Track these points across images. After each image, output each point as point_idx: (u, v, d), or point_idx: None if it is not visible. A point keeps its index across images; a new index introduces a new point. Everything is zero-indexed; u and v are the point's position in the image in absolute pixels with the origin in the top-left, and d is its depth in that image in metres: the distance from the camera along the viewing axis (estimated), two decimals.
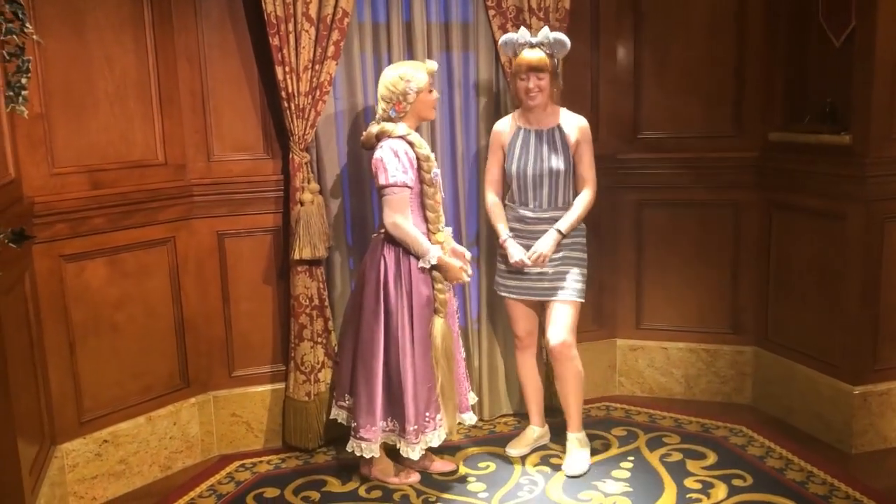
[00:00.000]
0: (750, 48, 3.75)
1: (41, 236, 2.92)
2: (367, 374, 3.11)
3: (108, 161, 3.15)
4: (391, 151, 3.02)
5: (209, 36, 3.35)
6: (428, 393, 3.11)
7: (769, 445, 3.52)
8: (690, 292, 4.00)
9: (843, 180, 3.36)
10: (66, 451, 3.11)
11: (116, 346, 3.24)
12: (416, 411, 3.09)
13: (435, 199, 3.11)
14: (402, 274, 3.07)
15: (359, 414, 3.14)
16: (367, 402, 3.11)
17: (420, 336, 3.08)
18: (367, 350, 3.11)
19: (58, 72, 2.98)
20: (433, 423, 3.13)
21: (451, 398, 3.16)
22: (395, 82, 3.05)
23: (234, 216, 3.48)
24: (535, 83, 3.15)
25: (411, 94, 3.05)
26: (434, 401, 3.13)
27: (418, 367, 3.08)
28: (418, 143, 3.07)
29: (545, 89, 3.17)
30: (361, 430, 3.12)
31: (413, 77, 3.05)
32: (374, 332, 3.09)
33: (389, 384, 3.10)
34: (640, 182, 3.27)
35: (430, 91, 3.13)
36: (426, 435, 3.12)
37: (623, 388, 4.15)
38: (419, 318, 3.08)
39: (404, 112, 3.08)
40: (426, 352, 3.09)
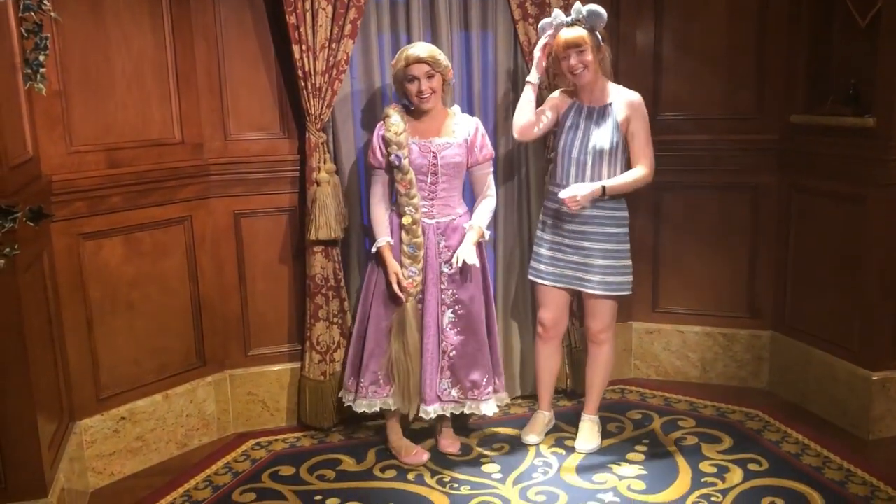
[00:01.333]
0: (772, 29, 3.69)
1: (59, 214, 2.93)
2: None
3: (126, 140, 3.15)
4: (374, 133, 3.19)
5: (226, 15, 3.34)
6: (368, 363, 3.24)
7: (785, 430, 3.50)
8: (708, 276, 3.97)
9: (866, 163, 3.32)
10: (85, 427, 3.14)
11: (133, 325, 3.26)
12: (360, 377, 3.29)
13: (402, 183, 3.13)
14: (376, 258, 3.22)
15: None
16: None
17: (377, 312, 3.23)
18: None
19: (75, 50, 2.97)
20: (364, 391, 3.26)
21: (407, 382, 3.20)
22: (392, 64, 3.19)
23: (250, 196, 3.48)
24: (576, 60, 3.09)
25: (394, 77, 3.17)
26: (371, 371, 3.24)
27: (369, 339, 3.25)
28: (388, 125, 3.13)
29: (589, 65, 3.08)
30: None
31: (395, 60, 3.14)
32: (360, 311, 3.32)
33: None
34: (659, 164, 3.23)
35: (411, 81, 3.07)
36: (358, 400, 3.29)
37: (639, 371, 4.14)
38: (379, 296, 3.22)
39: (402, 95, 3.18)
40: (378, 328, 3.23)
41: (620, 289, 3.22)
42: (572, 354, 3.79)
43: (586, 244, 3.19)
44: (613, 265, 3.19)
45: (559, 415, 3.63)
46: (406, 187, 3.12)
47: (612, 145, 3.13)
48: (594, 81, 3.15)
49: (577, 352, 3.75)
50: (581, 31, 3.07)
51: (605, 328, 3.29)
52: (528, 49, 3.50)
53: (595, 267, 3.20)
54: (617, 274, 3.20)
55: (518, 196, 3.70)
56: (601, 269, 3.19)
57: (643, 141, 3.16)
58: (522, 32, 3.50)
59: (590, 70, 3.10)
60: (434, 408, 3.24)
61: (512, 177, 3.68)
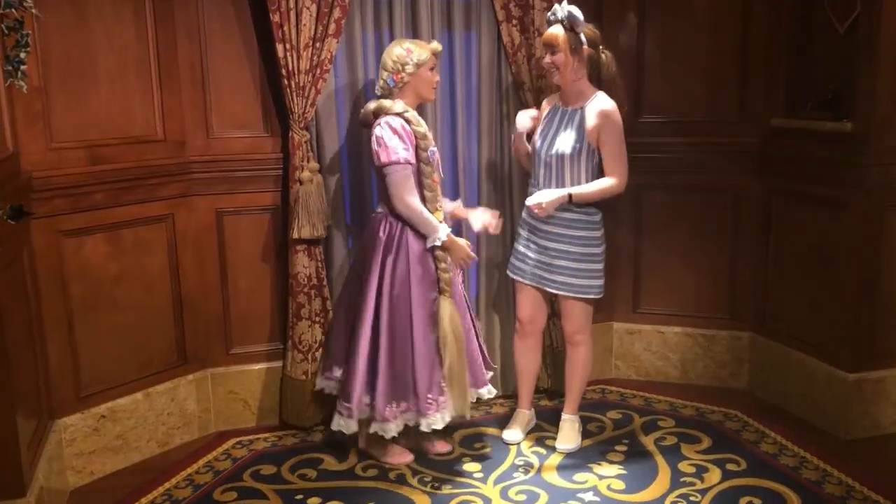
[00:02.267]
0: (754, 34, 3.72)
1: (39, 211, 2.91)
2: (351, 351, 3.13)
3: (108, 136, 3.13)
4: (389, 128, 3.01)
5: (209, 11, 3.32)
6: (430, 374, 3.10)
7: (763, 430, 3.54)
8: (689, 277, 4.00)
9: (845, 168, 3.36)
10: (65, 425, 3.12)
11: (115, 322, 3.24)
12: (418, 394, 3.09)
13: (432, 178, 3.11)
14: (400, 256, 3.07)
15: (341, 389, 3.19)
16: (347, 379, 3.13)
17: (422, 316, 3.08)
18: (353, 326, 3.14)
19: (57, 46, 2.95)
20: (435, 405, 3.12)
21: (461, 380, 3.13)
22: (399, 53, 3.06)
23: (232, 194, 3.47)
24: (549, 59, 3.11)
25: (410, 66, 3.05)
26: (437, 382, 3.12)
27: (419, 348, 3.08)
28: (415, 120, 3.06)
29: (560, 65, 3.07)
30: (338, 404, 3.17)
31: (415, 50, 3.06)
32: (362, 309, 3.10)
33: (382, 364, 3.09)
34: (641, 166, 3.26)
35: (432, 69, 3.11)
36: (428, 417, 3.11)
37: (619, 371, 4.17)
38: (419, 299, 3.08)
39: (402, 83, 3.07)
40: (428, 333, 3.09)
41: (584, 291, 3.22)
42: (554, 354, 3.81)
43: (551, 244, 3.21)
44: (578, 268, 3.20)
45: (540, 414, 3.65)
46: (435, 183, 3.11)
47: (573, 150, 3.12)
48: (570, 83, 3.14)
49: (558, 352, 3.77)
50: (557, 30, 3.07)
51: (579, 329, 3.31)
52: (511, 50, 3.52)
53: (558, 268, 3.22)
54: (582, 277, 3.21)
55: (500, 195, 3.71)
56: (564, 270, 3.21)
57: (614, 152, 3.13)
58: (506, 34, 3.51)
59: (561, 72, 3.10)
60: (489, 388, 3.31)
61: (496, 175, 3.70)
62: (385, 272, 3.07)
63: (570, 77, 3.12)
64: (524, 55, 3.53)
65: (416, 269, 3.07)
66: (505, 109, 3.64)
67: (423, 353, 3.08)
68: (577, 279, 3.21)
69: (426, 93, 3.14)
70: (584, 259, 3.20)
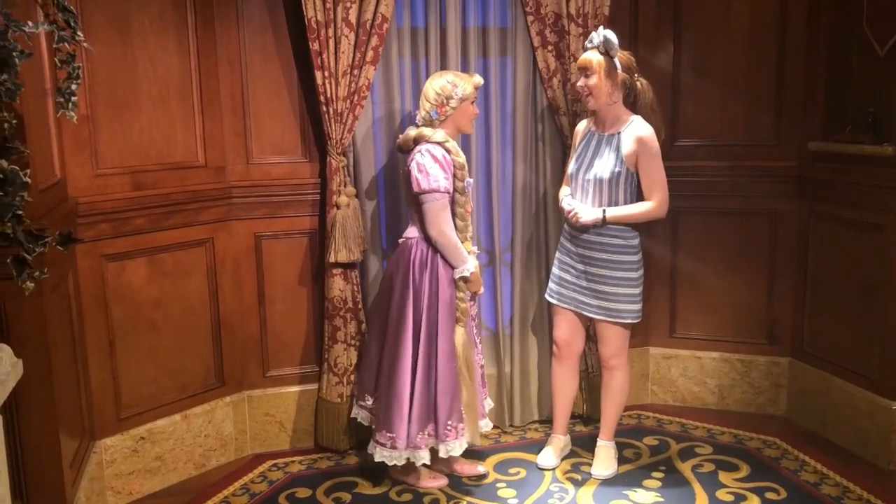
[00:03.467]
0: (790, 56, 3.71)
1: (84, 236, 2.97)
2: (392, 380, 3.13)
3: (151, 162, 3.21)
4: (431, 156, 3.04)
5: (250, 40, 3.39)
6: (451, 401, 3.12)
7: (803, 459, 3.48)
8: (725, 301, 3.96)
9: (885, 192, 3.31)
10: (105, 446, 3.17)
11: (154, 345, 3.30)
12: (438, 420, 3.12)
13: (465, 207, 3.14)
14: (429, 282, 3.10)
15: (382, 419, 3.17)
16: (394, 409, 3.12)
17: (445, 344, 3.10)
18: (394, 357, 3.13)
19: (103, 75, 3.04)
20: (455, 432, 3.14)
21: (474, 406, 3.18)
22: (443, 85, 3.08)
23: (271, 218, 3.52)
24: (582, 83, 3.14)
25: (455, 100, 3.08)
26: (457, 409, 3.14)
27: (442, 376, 3.10)
28: (455, 150, 3.09)
29: (594, 90, 3.10)
30: (378, 434, 3.16)
31: (460, 84, 3.09)
32: (401, 338, 3.11)
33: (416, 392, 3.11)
34: (677, 189, 3.25)
35: (473, 103, 3.15)
36: (448, 444, 3.13)
37: (655, 396, 4.13)
38: (444, 327, 3.10)
39: (445, 115, 3.10)
40: (450, 359, 3.11)
41: (622, 316, 3.21)
42: (589, 379, 3.79)
43: (590, 269, 3.21)
44: (617, 292, 3.19)
45: (575, 440, 3.63)
46: (468, 213, 3.16)
47: (612, 175, 3.13)
48: (605, 108, 3.16)
49: (594, 376, 3.75)
50: (591, 54, 3.10)
51: (615, 354, 3.29)
52: (546, 76, 3.54)
53: (595, 292, 3.21)
54: (621, 301, 3.19)
55: (536, 219, 3.72)
56: (602, 294, 3.20)
57: (653, 177, 3.14)
58: (542, 59, 3.53)
59: (595, 96, 3.12)
60: (486, 421, 3.36)
61: (530, 200, 3.71)
62: (420, 300, 3.10)
63: (605, 101, 3.13)
64: (560, 80, 3.55)
65: (444, 297, 3.10)
66: (540, 133, 3.66)
67: (445, 380, 3.11)
68: (614, 303, 3.20)
69: (466, 126, 3.18)
70: (621, 283, 3.19)
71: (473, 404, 3.18)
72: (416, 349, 3.11)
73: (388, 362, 3.16)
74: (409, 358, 3.11)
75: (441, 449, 3.14)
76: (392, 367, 3.14)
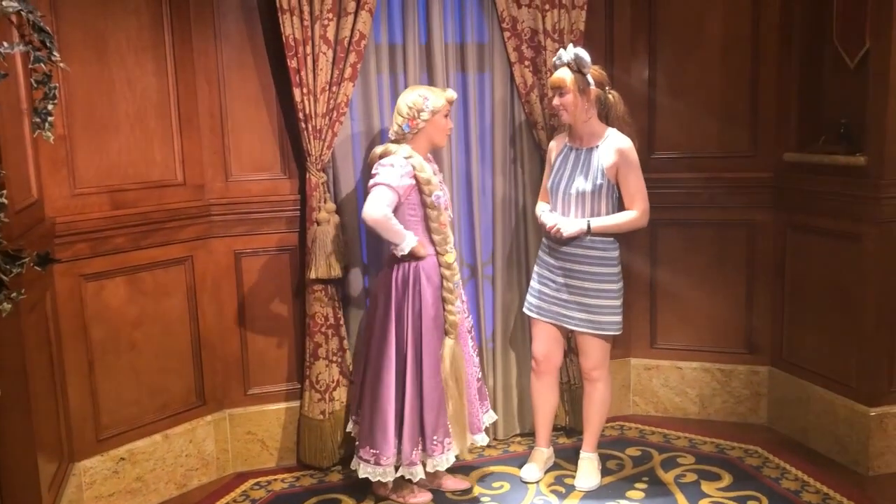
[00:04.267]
0: (764, 69, 3.76)
1: (62, 256, 2.95)
2: (375, 397, 3.13)
3: (129, 181, 3.19)
4: (389, 164, 3.05)
5: (228, 58, 3.40)
6: (437, 416, 3.12)
7: (784, 467, 3.51)
8: (705, 312, 4.00)
9: (859, 201, 3.37)
10: (84, 468, 3.14)
11: (134, 365, 3.27)
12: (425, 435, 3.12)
13: (439, 220, 3.13)
14: (412, 299, 3.10)
15: (365, 435, 3.17)
16: (377, 426, 3.12)
17: (431, 358, 3.11)
18: (376, 372, 3.14)
19: (80, 94, 3.03)
20: (441, 447, 3.14)
21: (461, 421, 3.17)
22: (415, 99, 3.10)
23: (251, 235, 3.52)
24: (557, 101, 3.17)
25: (426, 112, 3.09)
26: (443, 424, 3.14)
27: (428, 392, 3.10)
28: (419, 166, 3.09)
29: (568, 106, 3.14)
30: (362, 451, 3.16)
31: (431, 97, 3.11)
32: (384, 354, 3.12)
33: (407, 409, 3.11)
34: (655, 202, 3.28)
35: (446, 116, 3.16)
36: (434, 458, 3.13)
37: (637, 407, 4.14)
38: (428, 340, 3.10)
39: (417, 129, 3.11)
40: (436, 374, 3.11)
41: (603, 328, 3.23)
42: (571, 391, 3.80)
43: (571, 281, 3.23)
44: (597, 304, 3.21)
45: (558, 452, 3.63)
46: (444, 226, 3.15)
47: (594, 188, 3.16)
48: (581, 123, 3.19)
49: (575, 388, 3.76)
50: (564, 73, 3.14)
51: (596, 366, 3.31)
52: (523, 91, 3.57)
53: (577, 304, 3.23)
54: (601, 313, 3.22)
55: (516, 232, 3.74)
56: (583, 306, 3.22)
57: (634, 187, 3.18)
58: (519, 75, 3.56)
59: (569, 112, 3.15)
60: (482, 436, 3.33)
61: (510, 214, 3.73)
62: (404, 317, 3.10)
63: (581, 117, 3.17)
64: (537, 95, 3.58)
65: (429, 312, 3.11)
66: (519, 147, 3.68)
67: (431, 396, 3.11)
68: (594, 315, 3.22)
69: (439, 139, 3.19)
70: (600, 295, 3.21)
71: (460, 417, 3.17)
72: (401, 366, 3.11)
73: (370, 380, 3.17)
74: (392, 375, 3.11)
75: (428, 463, 3.14)
76: (375, 385, 3.14)
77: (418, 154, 3.12)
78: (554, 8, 3.51)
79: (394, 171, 3.03)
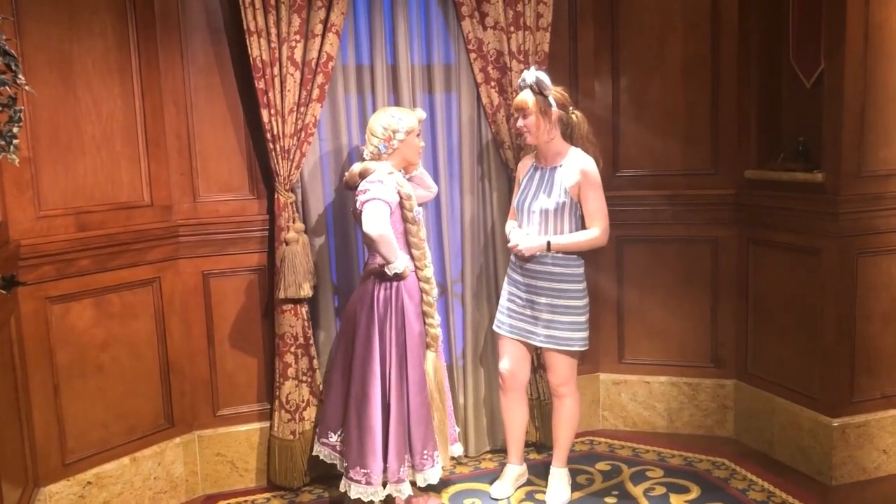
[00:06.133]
0: (724, 88, 3.85)
1: (27, 278, 2.93)
2: (362, 416, 3.13)
3: (95, 203, 3.18)
4: (378, 181, 3.07)
5: (195, 80, 3.41)
6: (425, 431, 3.14)
7: (751, 478, 3.56)
8: (671, 327, 4.05)
9: (817, 217, 3.45)
10: (50, 493, 3.09)
11: (101, 387, 3.24)
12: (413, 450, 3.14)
13: (419, 236, 3.18)
14: (395, 316, 3.12)
15: (355, 456, 3.15)
16: (367, 445, 3.12)
17: (415, 373, 3.13)
18: (362, 390, 3.14)
19: (46, 116, 3.02)
20: (431, 460, 3.16)
21: (444, 432, 3.22)
22: (389, 120, 3.15)
23: (219, 256, 3.51)
24: (521, 122, 3.23)
25: (401, 133, 3.14)
26: (431, 438, 3.16)
27: (414, 408, 3.12)
28: (400, 181, 3.13)
29: (531, 128, 3.21)
30: (352, 472, 3.15)
31: (404, 118, 3.16)
32: (368, 372, 3.13)
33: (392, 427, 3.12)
34: (621, 219, 3.35)
35: (418, 136, 3.22)
36: (425, 472, 3.16)
37: (607, 422, 4.18)
38: (414, 359, 3.13)
39: (392, 149, 3.16)
40: (421, 389, 3.13)
41: (569, 344, 3.27)
42: (541, 407, 3.83)
43: (536, 298, 3.27)
44: (562, 320, 3.25)
45: (529, 468, 3.65)
46: (421, 241, 3.19)
47: (556, 206, 3.22)
48: (544, 144, 3.26)
49: (545, 404, 3.79)
50: (526, 95, 3.20)
51: (564, 382, 3.34)
52: (490, 111, 3.62)
53: (542, 321, 3.27)
54: (566, 329, 3.25)
55: (483, 252, 3.77)
56: (549, 323, 3.26)
57: (594, 206, 3.24)
58: (485, 95, 3.62)
59: (532, 133, 3.22)
60: (458, 446, 3.38)
61: (479, 232, 3.76)
62: (386, 335, 3.12)
63: (544, 138, 3.23)
64: (503, 115, 3.63)
65: (413, 328, 3.13)
66: (486, 167, 3.73)
67: (418, 412, 3.13)
68: (560, 331, 3.25)
69: (413, 157, 3.23)
70: (566, 311, 3.25)
71: (444, 428, 3.22)
72: (386, 384, 3.12)
73: (355, 399, 3.16)
74: (378, 393, 3.12)
75: (419, 479, 3.17)
76: (361, 404, 3.14)
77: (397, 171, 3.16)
78: (519, 30, 3.58)
79: (384, 187, 3.05)
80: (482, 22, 3.56)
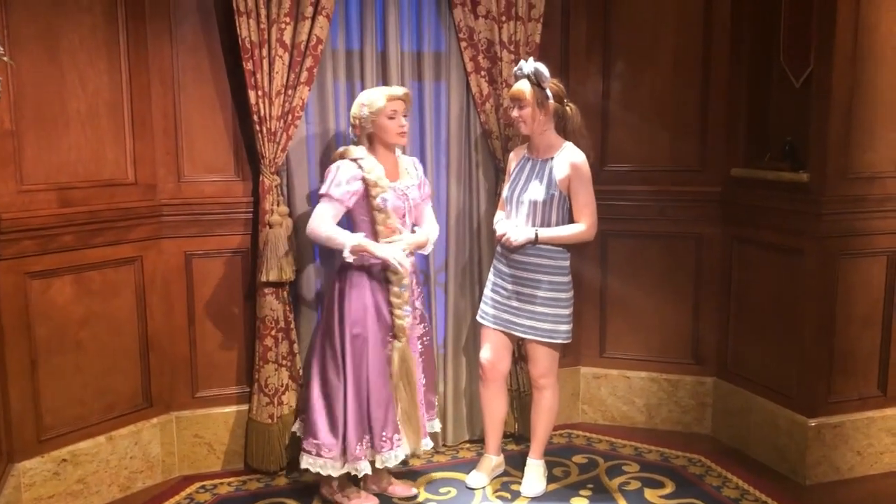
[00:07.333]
0: (714, 87, 3.85)
1: (6, 253, 2.92)
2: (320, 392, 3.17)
3: (79, 179, 3.16)
4: (336, 167, 3.09)
5: (183, 59, 3.39)
6: (385, 413, 3.14)
7: (726, 476, 3.58)
8: (653, 322, 4.07)
9: (801, 217, 3.46)
10: (24, 469, 3.08)
11: (80, 364, 3.23)
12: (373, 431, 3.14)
13: (386, 224, 3.13)
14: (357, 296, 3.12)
15: (308, 428, 3.20)
16: (318, 419, 3.15)
17: (377, 357, 3.13)
18: (322, 368, 3.17)
19: (30, 90, 3.00)
20: (390, 443, 3.16)
21: (414, 419, 3.20)
22: (355, 109, 3.15)
23: (202, 237, 3.50)
24: (517, 112, 3.22)
25: (366, 120, 3.11)
26: (392, 421, 3.16)
27: (375, 389, 3.11)
28: (368, 168, 3.09)
29: (527, 119, 3.20)
30: (305, 443, 3.19)
31: (370, 100, 3.11)
32: (327, 351, 3.15)
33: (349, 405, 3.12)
34: (607, 213, 3.35)
35: (392, 117, 3.12)
36: (383, 455, 3.15)
37: (586, 415, 4.20)
38: (374, 342, 3.13)
39: (364, 133, 3.14)
40: (383, 372, 3.13)
41: (551, 336, 3.27)
42: (520, 398, 3.83)
43: (521, 289, 3.27)
44: (545, 312, 3.25)
45: (506, 458, 3.65)
46: (391, 230, 3.14)
47: (546, 198, 3.22)
48: (539, 135, 3.25)
49: (524, 396, 3.80)
50: (523, 85, 3.19)
51: (544, 374, 3.35)
52: (479, 100, 3.61)
53: (526, 312, 3.27)
54: (549, 321, 3.26)
55: (469, 242, 3.77)
56: (532, 314, 3.26)
57: (584, 200, 3.24)
58: (475, 84, 3.61)
59: (527, 124, 3.21)
60: (427, 440, 3.34)
61: (463, 223, 3.76)
62: (345, 315, 3.12)
63: (538, 130, 3.22)
64: (493, 105, 3.62)
65: (371, 312, 3.12)
66: (474, 156, 3.72)
67: (379, 393, 3.13)
68: (543, 323, 3.26)
69: (391, 139, 3.16)
70: (551, 304, 3.25)
71: (413, 416, 3.20)
72: (342, 363, 3.12)
73: (316, 375, 3.20)
74: (336, 371, 3.12)
75: (377, 460, 3.16)
76: (321, 380, 3.18)
77: (371, 156, 3.14)
78: (510, 20, 3.57)
79: (337, 177, 3.06)
80: (474, 11, 3.55)
